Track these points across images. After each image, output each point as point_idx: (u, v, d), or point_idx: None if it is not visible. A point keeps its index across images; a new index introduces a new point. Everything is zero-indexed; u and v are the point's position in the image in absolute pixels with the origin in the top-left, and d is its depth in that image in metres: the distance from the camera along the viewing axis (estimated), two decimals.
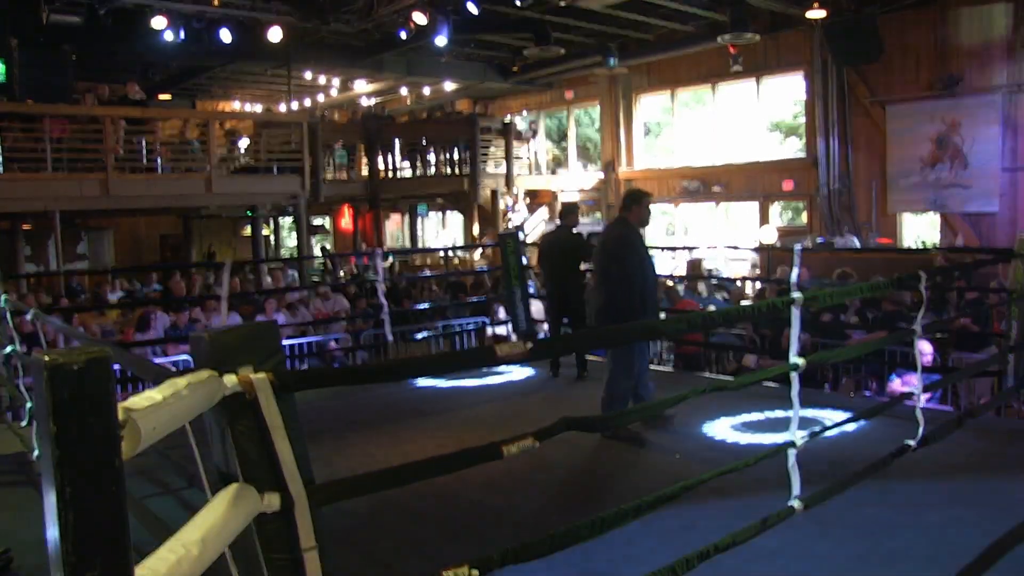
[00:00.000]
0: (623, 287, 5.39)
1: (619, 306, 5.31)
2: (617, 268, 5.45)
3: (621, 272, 5.42)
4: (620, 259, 5.45)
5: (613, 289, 5.43)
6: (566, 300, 7.29)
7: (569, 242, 7.41)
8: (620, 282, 5.41)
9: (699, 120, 18.16)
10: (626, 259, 5.44)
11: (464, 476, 3.24)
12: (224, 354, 1.84)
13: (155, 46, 13.31)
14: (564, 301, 7.32)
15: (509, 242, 8.71)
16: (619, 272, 5.43)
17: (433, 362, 5.03)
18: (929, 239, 14.43)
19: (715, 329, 8.13)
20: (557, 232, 7.64)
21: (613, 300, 5.39)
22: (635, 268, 5.44)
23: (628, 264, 5.43)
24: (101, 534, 1.25)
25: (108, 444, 1.28)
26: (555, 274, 7.42)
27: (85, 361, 1.25)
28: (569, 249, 7.34)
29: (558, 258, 7.35)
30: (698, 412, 5.68)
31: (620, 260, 5.45)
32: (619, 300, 5.36)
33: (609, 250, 5.59)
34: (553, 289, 7.50)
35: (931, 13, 13.26)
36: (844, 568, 3.40)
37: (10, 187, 11.28)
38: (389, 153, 17.26)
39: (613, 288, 5.43)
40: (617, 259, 5.47)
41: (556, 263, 7.37)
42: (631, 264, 5.43)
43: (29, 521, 3.88)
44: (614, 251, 5.53)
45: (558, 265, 7.35)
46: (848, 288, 4.26)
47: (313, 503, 1.95)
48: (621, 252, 5.48)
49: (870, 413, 4.52)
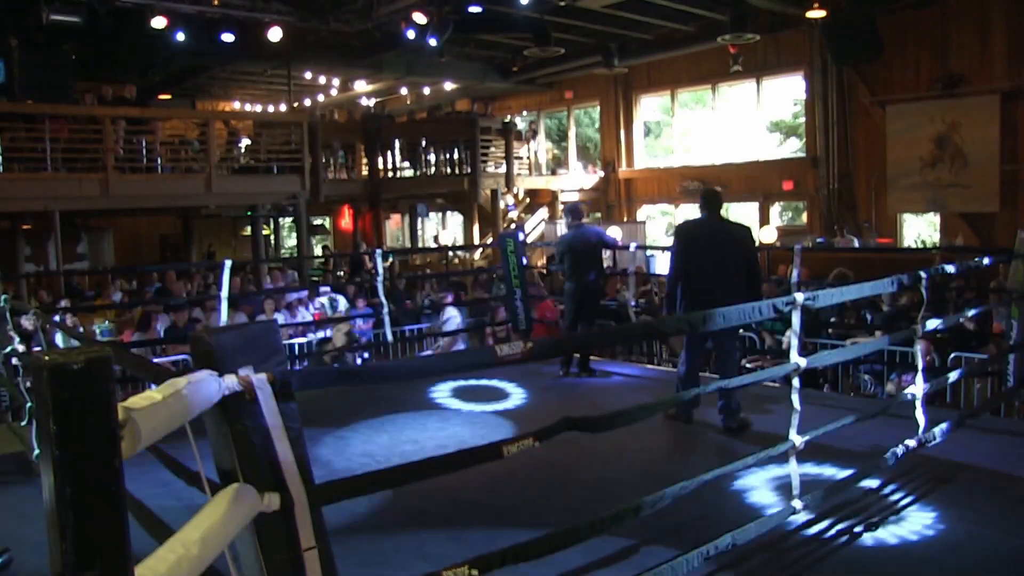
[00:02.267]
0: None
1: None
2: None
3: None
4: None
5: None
6: (587, 297, 7.42)
7: (593, 239, 7.54)
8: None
9: (699, 120, 18.16)
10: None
11: (464, 476, 3.24)
12: (224, 354, 1.84)
13: (155, 46, 13.31)
14: (585, 297, 7.44)
15: (509, 242, 8.70)
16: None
17: (433, 362, 5.03)
18: (929, 239, 14.43)
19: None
20: (580, 230, 7.68)
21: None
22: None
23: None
24: (101, 534, 1.25)
25: (108, 444, 1.28)
26: (579, 271, 7.48)
27: (85, 361, 1.25)
28: (593, 247, 7.46)
29: (583, 255, 7.43)
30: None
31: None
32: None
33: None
34: (575, 286, 7.54)
35: (931, 13, 13.26)
36: (844, 569, 3.40)
37: (10, 187, 11.28)
38: (389, 153, 17.26)
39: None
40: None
41: (581, 260, 7.44)
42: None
43: (29, 521, 3.88)
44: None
45: (583, 262, 7.44)
46: (848, 288, 4.26)
47: (313, 503, 1.95)
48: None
49: (870, 413, 4.51)
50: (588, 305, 7.43)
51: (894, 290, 5.47)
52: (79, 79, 14.31)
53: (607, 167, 18.88)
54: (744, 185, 16.44)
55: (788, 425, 3.32)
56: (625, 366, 8.13)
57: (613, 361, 8.28)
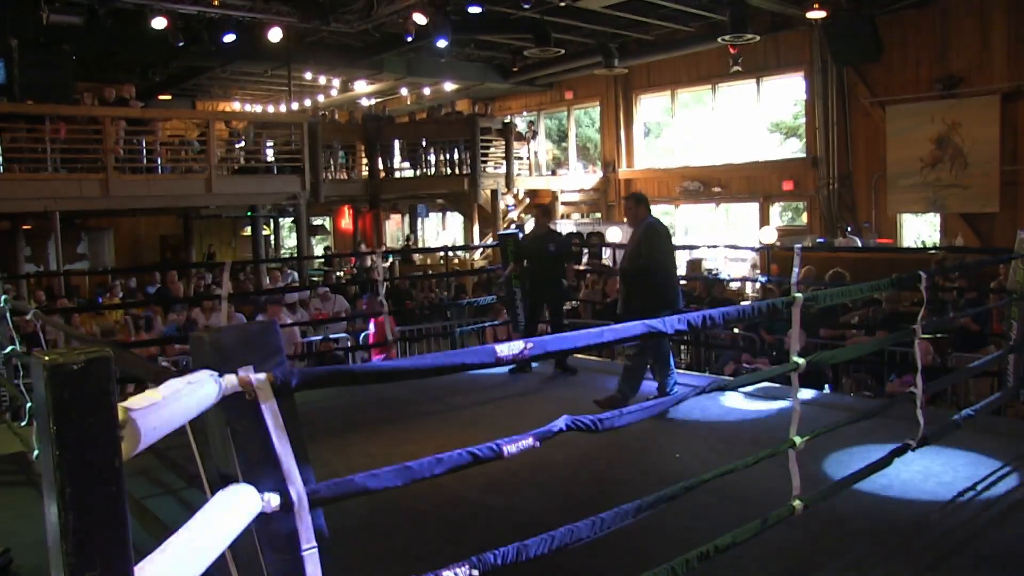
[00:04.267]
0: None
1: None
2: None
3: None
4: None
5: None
6: (545, 299, 7.53)
7: (551, 241, 7.62)
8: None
9: (699, 120, 18.15)
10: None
11: (464, 476, 3.24)
12: (224, 354, 1.84)
13: (155, 46, 13.30)
14: (538, 301, 7.56)
15: (509, 242, 8.69)
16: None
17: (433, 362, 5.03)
18: (929, 239, 14.43)
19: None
20: (537, 231, 7.80)
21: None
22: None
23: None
24: (101, 534, 1.24)
25: (108, 444, 1.28)
26: (531, 275, 7.60)
27: (85, 361, 1.25)
28: (553, 248, 7.54)
29: (535, 258, 7.55)
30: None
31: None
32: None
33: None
34: (532, 288, 7.63)
35: (931, 13, 13.26)
36: (844, 569, 3.40)
37: (10, 187, 11.28)
38: (389, 153, 17.26)
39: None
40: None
41: (533, 263, 7.57)
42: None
43: (29, 521, 3.88)
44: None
45: (534, 266, 7.56)
46: (849, 288, 4.25)
47: (313, 503, 1.95)
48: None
49: (870, 413, 4.52)
50: (542, 309, 7.57)
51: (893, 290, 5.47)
52: (79, 79, 14.32)
53: (607, 167, 18.88)
54: (744, 185, 16.44)
55: (788, 425, 3.32)
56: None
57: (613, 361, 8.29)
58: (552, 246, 7.56)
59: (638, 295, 5.87)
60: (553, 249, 7.52)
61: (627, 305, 5.91)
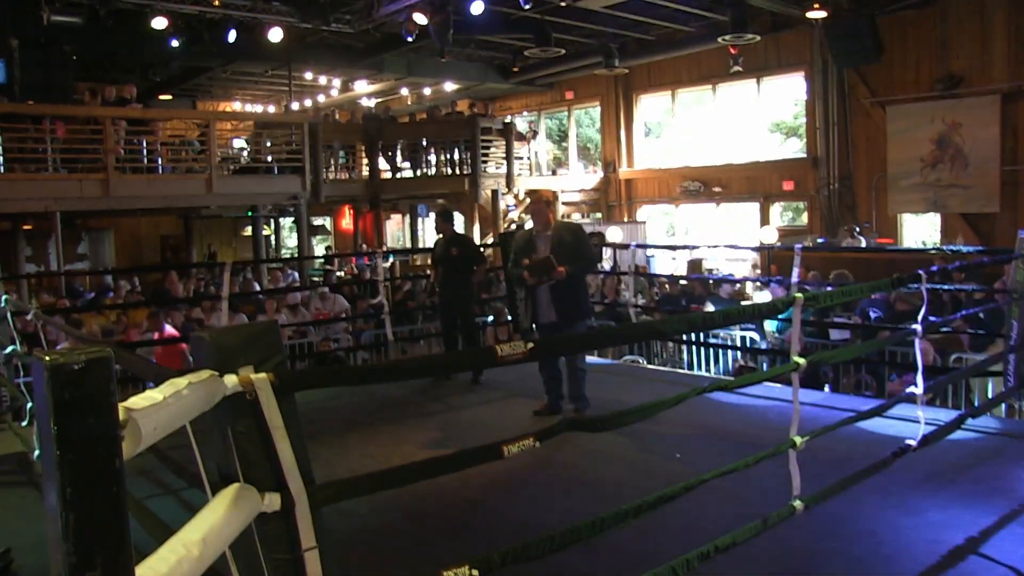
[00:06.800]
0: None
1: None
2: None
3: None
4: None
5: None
6: (456, 305, 7.24)
7: (457, 245, 7.31)
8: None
9: (699, 120, 18.16)
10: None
11: (464, 476, 3.25)
12: (225, 354, 1.84)
13: (155, 46, 13.30)
14: (452, 309, 7.28)
15: (509, 242, 8.69)
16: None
17: (433, 362, 5.03)
18: (929, 240, 14.43)
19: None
20: (446, 236, 7.42)
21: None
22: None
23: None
24: (101, 534, 1.25)
25: (109, 444, 1.28)
26: (444, 282, 7.29)
27: (85, 361, 1.25)
28: (461, 253, 7.24)
29: (448, 264, 7.21)
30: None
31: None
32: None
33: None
34: (441, 299, 7.41)
35: (931, 13, 13.26)
36: (844, 569, 3.40)
37: (10, 187, 11.29)
38: (390, 153, 17.26)
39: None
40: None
41: (447, 270, 7.23)
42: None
43: (29, 521, 3.89)
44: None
45: (448, 272, 7.23)
46: (848, 288, 4.26)
47: (313, 503, 1.96)
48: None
49: (870, 413, 4.52)
50: (456, 317, 7.22)
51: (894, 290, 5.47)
52: (79, 79, 14.33)
53: (607, 167, 18.89)
54: (744, 185, 16.44)
55: (788, 425, 3.32)
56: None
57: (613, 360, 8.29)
58: (455, 250, 7.20)
59: (579, 295, 5.76)
60: (455, 254, 7.18)
61: (565, 309, 5.62)
